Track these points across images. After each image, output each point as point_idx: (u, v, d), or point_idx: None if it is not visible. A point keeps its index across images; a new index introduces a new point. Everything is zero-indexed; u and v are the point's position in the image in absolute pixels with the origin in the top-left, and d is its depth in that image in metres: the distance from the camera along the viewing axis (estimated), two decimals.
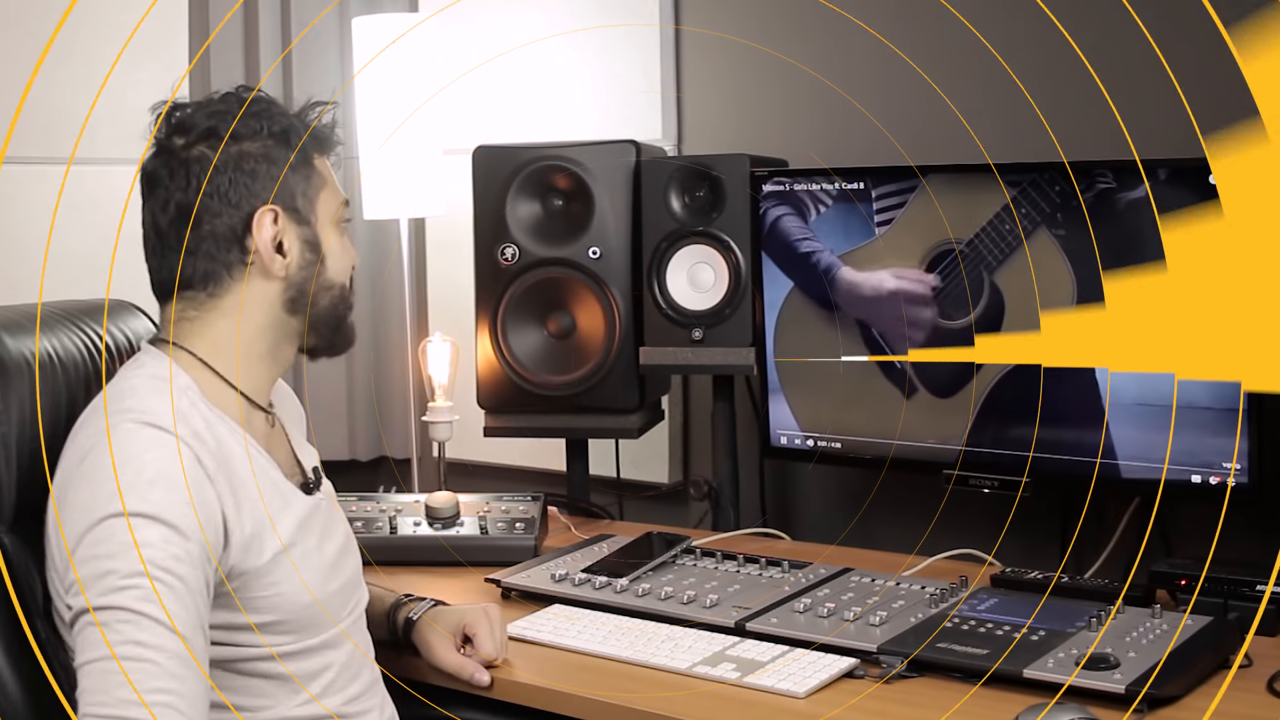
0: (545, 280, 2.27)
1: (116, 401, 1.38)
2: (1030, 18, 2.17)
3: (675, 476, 2.58)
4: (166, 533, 1.29)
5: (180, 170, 1.44)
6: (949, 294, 1.97)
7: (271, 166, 1.46)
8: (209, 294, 1.46)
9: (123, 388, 1.41)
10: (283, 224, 1.46)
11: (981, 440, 1.99)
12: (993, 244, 1.93)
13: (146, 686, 1.22)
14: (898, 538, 2.21)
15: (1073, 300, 1.87)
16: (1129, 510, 2.02)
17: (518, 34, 2.69)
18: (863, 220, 2.05)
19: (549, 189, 2.29)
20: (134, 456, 1.32)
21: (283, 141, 1.48)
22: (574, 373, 2.28)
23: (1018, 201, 1.89)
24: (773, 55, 2.43)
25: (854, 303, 2.07)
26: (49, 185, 2.83)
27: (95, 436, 1.35)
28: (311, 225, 1.49)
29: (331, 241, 1.52)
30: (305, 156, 1.49)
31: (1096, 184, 1.86)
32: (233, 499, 1.38)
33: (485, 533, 2.09)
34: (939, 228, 1.97)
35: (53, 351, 1.50)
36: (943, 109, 2.25)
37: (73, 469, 1.35)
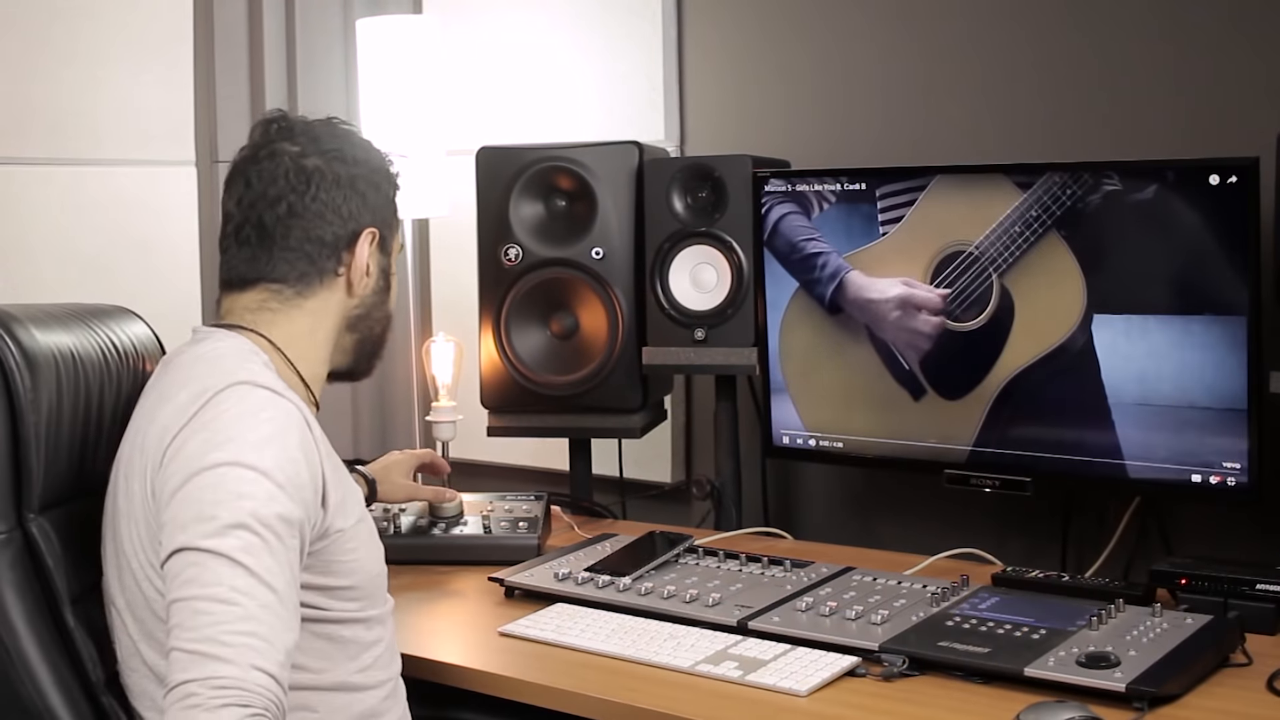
0: (548, 280, 2.28)
1: (213, 367, 1.42)
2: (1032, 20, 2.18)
3: (678, 476, 2.59)
4: (274, 490, 1.32)
5: (297, 175, 1.51)
6: (957, 298, 1.97)
7: (377, 193, 1.57)
8: (297, 292, 1.52)
9: (208, 356, 1.45)
10: (374, 248, 1.56)
11: (984, 440, 1.99)
12: (1002, 246, 1.92)
13: (235, 628, 1.24)
14: (899, 537, 2.22)
15: (1083, 305, 1.87)
16: (1129, 509, 2.03)
17: (521, 35, 2.70)
18: (867, 218, 2.05)
19: (552, 190, 2.30)
20: (249, 414, 1.36)
21: (385, 174, 1.59)
22: (577, 373, 2.29)
23: (1027, 204, 1.90)
24: (775, 56, 2.44)
25: (861, 307, 2.08)
26: (54, 186, 2.84)
27: (202, 395, 1.37)
28: (390, 256, 1.61)
29: (395, 277, 1.63)
30: (396, 190, 1.62)
31: (1103, 185, 1.86)
32: (330, 462, 1.44)
33: (489, 532, 2.10)
34: (947, 229, 1.97)
35: (73, 348, 1.53)
36: (945, 108, 2.26)
37: (178, 424, 1.36)
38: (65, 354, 1.51)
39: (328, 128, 1.57)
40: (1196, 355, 1.80)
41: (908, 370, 2.03)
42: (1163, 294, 1.83)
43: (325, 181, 1.51)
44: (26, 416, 1.44)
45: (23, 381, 1.44)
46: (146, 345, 1.67)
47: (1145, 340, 1.84)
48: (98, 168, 2.76)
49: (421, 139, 2.49)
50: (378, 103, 2.51)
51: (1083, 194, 1.86)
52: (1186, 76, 2.04)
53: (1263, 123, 1.85)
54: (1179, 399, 1.82)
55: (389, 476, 2.04)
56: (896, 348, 2.04)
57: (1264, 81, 1.97)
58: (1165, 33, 2.06)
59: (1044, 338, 1.91)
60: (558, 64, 2.66)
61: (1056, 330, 1.90)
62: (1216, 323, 1.79)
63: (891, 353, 2.05)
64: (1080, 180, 1.86)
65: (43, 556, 1.45)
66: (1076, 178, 1.87)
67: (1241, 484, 1.79)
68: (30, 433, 1.44)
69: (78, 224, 2.81)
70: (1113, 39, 2.10)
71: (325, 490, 1.41)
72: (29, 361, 1.45)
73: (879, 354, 2.06)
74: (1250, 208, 1.75)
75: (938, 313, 1.98)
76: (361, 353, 1.62)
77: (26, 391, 1.44)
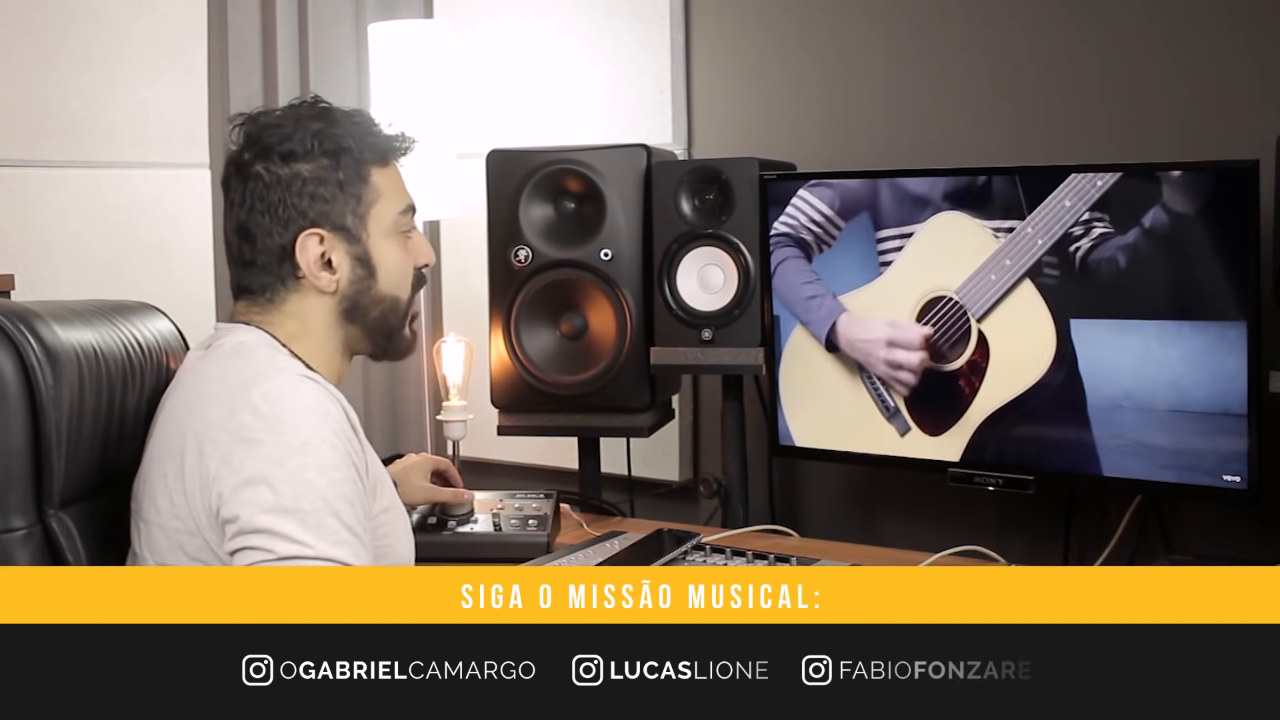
0: (558, 282, 2.31)
1: (249, 364, 1.44)
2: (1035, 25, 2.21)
3: (685, 474, 2.61)
4: (351, 474, 1.38)
5: (241, 186, 1.51)
6: (939, 341, 2.04)
7: (321, 187, 1.50)
8: (269, 300, 1.53)
9: (242, 351, 1.47)
10: (330, 243, 1.51)
11: (985, 444, 2.02)
12: (979, 293, 1.99)
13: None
14: (903, 534, 2.25)
15: (1052, 353, 1.93)
16: (1131, 508, 2.06)
17: (530, 40, 2.73)
18: (864, 260, 2.10)
19: (561, 192, 2.32)
20: (310, 407, 1.39)
21: (335, 161, 1.51)
22: (586, 372, 2.31)
23: (1002, 252, 1.96)
24: (781, 59, 2.47)
25: (853, 346, 2.14)
26: (70, 188, 2.87)
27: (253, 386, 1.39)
28: (362, 242, 1.53)
29: (387, 254, 1.55)
30: (360, 173, 1.53)
31: (1094, 229, 1.90)
32: (366, 450, 1.47)
33: (499, 530, 2.12)
34: (931, 275, 2.04)
35: (96, 345, 1.54)
36: (949, 111, 2.28)
37: (232, 416, 1.38)
38: (88, 350, 1.52)
39: (282, 120, 1.52)
40: (1197, 356, 1.82)
41: (894, 407, 2.11)
42: (1163, 295, 1.85)
43: (262, 190, 1.49)
44: (48, 413, 1.45)
45: (44, 378, 1.44)
46: (170, 341, 1.68)
47: (1146, 340, 1.86)
48: (114, 170, 2.79)
49: (432, 142, 2.51)
50: (389, 106, 2.53)
51: (1063, 243, 1.91)
52: (1187, 79, 2.06)
53: (1262, 125, 1.88)
54: (1180, 399, 1.84)
55: (409, 478, 2.06)
56: (884, 385, 2.11)
57: (1263, 84, 2.00)
58: (1166, 36, 2.08)
59: (1017, 382, 1.99)
60: (567, 68, 2.69)
61: (1027, 376, 1.97)
62: (1215, 325, 1.81)
63: (879, 391, 2.12)
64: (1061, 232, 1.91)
65: (63, 552, 1.46)
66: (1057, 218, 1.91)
67: (1241, 484, 1.81)
68: (51, 429, 1.45)
69: (94, 225, 2.84)
70: (1114, 43, 2.12)
71: (368, 472, 1.45)
72: (50, 358, 1.46)
73: (869, 391, 2.13)
74: (1250, 210, 1.77)
75: (920, 353, 2.06)
76: (374, 338, 1.59)
77: (48, 388, 1.45)
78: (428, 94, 2.52)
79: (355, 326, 1.56)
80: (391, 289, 1.56)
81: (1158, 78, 2.09)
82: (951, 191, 2.01)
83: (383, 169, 1.55)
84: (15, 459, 1.44)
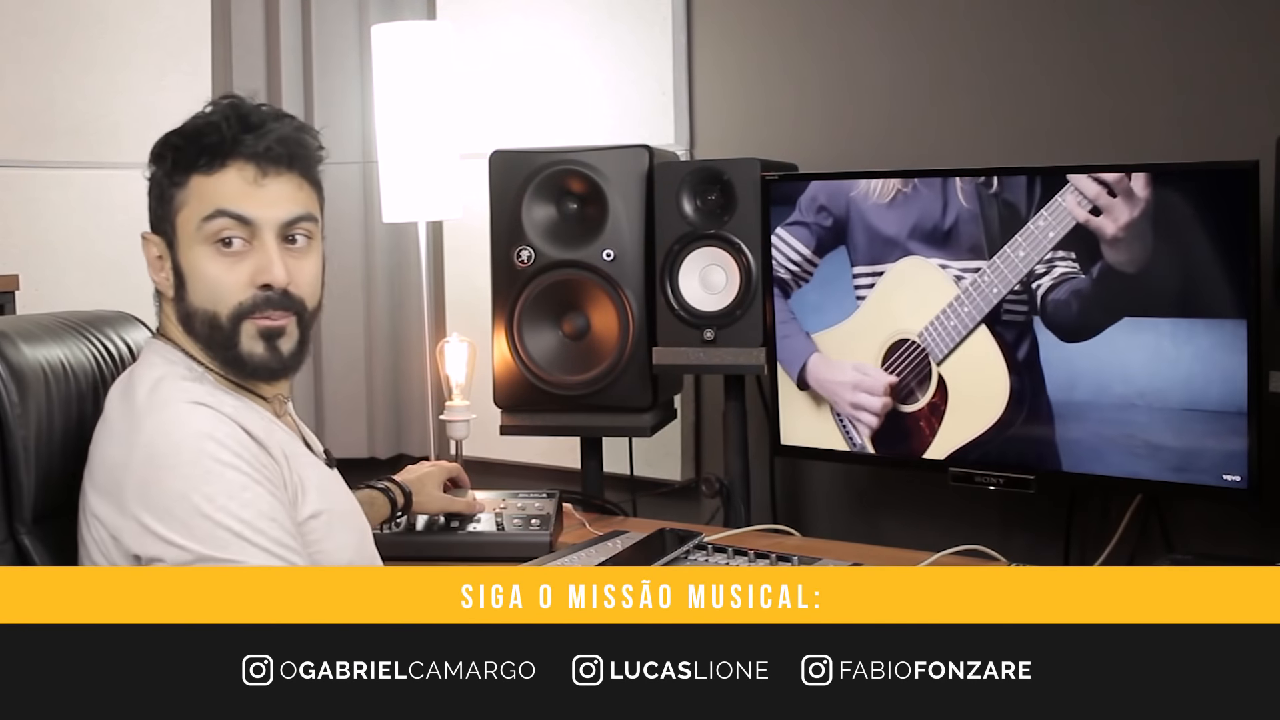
0: (560, 282, 2.31)
1: (155, 390, 1.42)
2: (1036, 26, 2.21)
3: (687, 474, 2.62)
4: (261, 490, 1.36)
5: None
6: (902, 385, 2.09)
7: (152, 191, 1.48)
8: (163, 305, 1.51)
9: (151, 377, 1.45)
10: (159, 246, 1.48)
11: (987, 443, 2.03)
12: (940, 337, 2.04)
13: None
14: (905, 534, 2.25)
15: (1005, 400, 1.98)
16: (1131, 507, 2.06)
17: (533, 41, 2.74)
18: (840, 296, 2.14)
19: (564, 193, 2.33)
20: (205, 433, 1.36)
21: (161, 164, 1.47)
22: (588, 372, 2.31)
23: (961, 299, 2.01)
24: (783, 60, 2.47)
25: (821, 385, 2.18)
26: (75, 189, 2.88)
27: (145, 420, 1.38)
28: (175, 248, 1.46)
29: (195, 264, 1.45)
30: (175, 180, 1.45)
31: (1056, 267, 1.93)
32: (279, 460, 1.44)
33: (501, 529, 2.12)
34: (897, 318, 2.08)
35: (64, 359, 1.55)
36: (950, 112, 2.29)
37: (131, 453, 1.37)
38: (55, 366, 1.52)
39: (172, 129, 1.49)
40: (1197, 356, 1.83)
41: (859, 444, 2.16)
42: (1164, 296, 1.85)
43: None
44: (15, 431, 1.46)
45: (8, 396, 1.46)
46: None
47: (1146, 341, 1.87)
48: (118, 171, 2.80)
49: (435, 143, 2.53)
50: (392, 107, 2.54)
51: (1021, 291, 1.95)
52: (1187, 80, 2.06)
53: (1262, 126, 1.88)
54: (1180, 399, 1.85)
55: (424, 488, 2.05)
56: (851, 424, 2.16)
57: (1263, 85, 2.00)
58: (1166, 37, 2.08)
59: (974, 425, 2.03)
60: (569, 69, 2.69)
61: (984, 419, 2.02)
62: (1216, 324, 1.81)
63: (845, 425, 2.17)
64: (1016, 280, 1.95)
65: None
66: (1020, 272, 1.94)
67: (1241, 483, 1.82)
68: (19, 446, 1.46)
69: (99, 227, 2.85)
70: (1115, 44, 2.13)
71: (284, 480, 1.43)
72: (15, 376, 1.47)
73: (836, 423, 2.18)
74: (1250, 211, 1.77)
75: (884, 398, 2.11)
76: (212, 353, 1.47)
77: (14, 406, 1.46)
78: (430, 95, 2.52)
79: (195, 339, 1.47)
80: (203, 302, 1.45)
81: (1158, 79, 2.09)
82: (919, 231, 2.04)
83: (207, 176, 1.44)
84: None
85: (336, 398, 2.95)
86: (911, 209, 2.04)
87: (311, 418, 2.95)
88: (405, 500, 2.01)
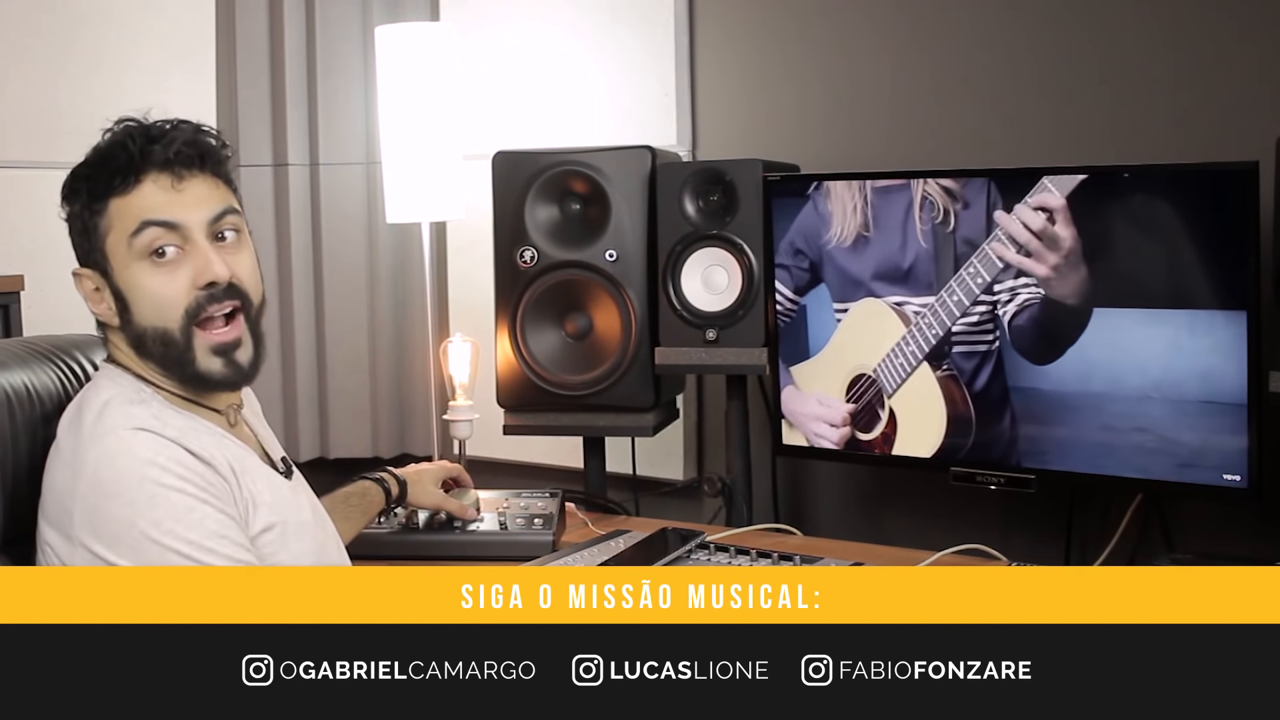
0: (563, 282, 2.32)
1: (100, 417, 1.42)
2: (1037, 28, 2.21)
3: (690, 473, 2.62)
4: (209, 509, 1.37)
5: None
6: (860, 415, 2.17)
7: (73, 228, 1.48)
8: (108, 335, 1.51)
9: (99, 402, 1.44)
10: (94, 279, 1.47)
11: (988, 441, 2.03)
12: (890, 372, 2.11)
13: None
14: (906, 533, 2.26)
15: (941, 436, 2.07)
16: (1132, 506, 2.06)
17: (536, 42, 2.74)
18: (818, 330, 2.19)
19: (567, 193, 2.33)
20: (148, 460, 1.36)
21: (72, 200, 1.47)
22: (591, 372, 2.32)
23: (908, 337, 2.08)
24: (785, 61, 2.48)
25: (792, 414, 2.25)
26: None
27: (90, 449, 1.39)
28: (111, 276, 1.45)
29: (134, 283, 1.44)
30: (94, 208, 1.45)
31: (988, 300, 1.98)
32: (228, 477, 1.43)
33: (504, 528, 2.13)
34: (858, 353, 2.15)
35: (28, 384, 1.55)
36: (952, 113, 2.29)
37: (77, 481, 1.38)
38: (19, 390, 1.52)
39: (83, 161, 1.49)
40: (1198, 356, 1.83)
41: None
42: (1164, 297, 1.86)
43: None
44: None
45: None
46: None
47: (1147, 341, 1.87)
48: None
49: (438, 144, 2.53)
50: (396, 108, 2.55)
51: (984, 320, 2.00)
52: (1187, 81, 2.07)
53: (1262, 127, 1.88)
54: (1180, 399, 1.85)
55: (420, 481, 2.06)
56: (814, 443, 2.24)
57: (1263, 86, 2.00)
58: (1166, 37, 2.08)
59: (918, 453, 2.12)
60: (572, 70, 2.70)
61: (924, 450, 2.10)
62: (1217, 325, 1.81)
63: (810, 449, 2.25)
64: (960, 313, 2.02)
65: None
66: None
67: (1241, 483, 1.82)
68: None
69: None
70: (1116, 45, 2.13)
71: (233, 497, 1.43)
72: None
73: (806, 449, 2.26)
74: (1250, 212, 1.77)
75: (844, 428, 2.18)
76: (170, 372, 1.47)
77: None
78: (434, 96, 2.53)
79: (150, 360, 1.47)
80: (150, 320, 1.44)
81: (1158, 79, 2.09)
82: (880, 272, 2.09)
83: (125, 196, 1.44)
84: None
85: (340, 397, 2.96)
86: (874, 251, 2.10)
87: (315, 417, 2.96)
88: (400, 491, 2.02)
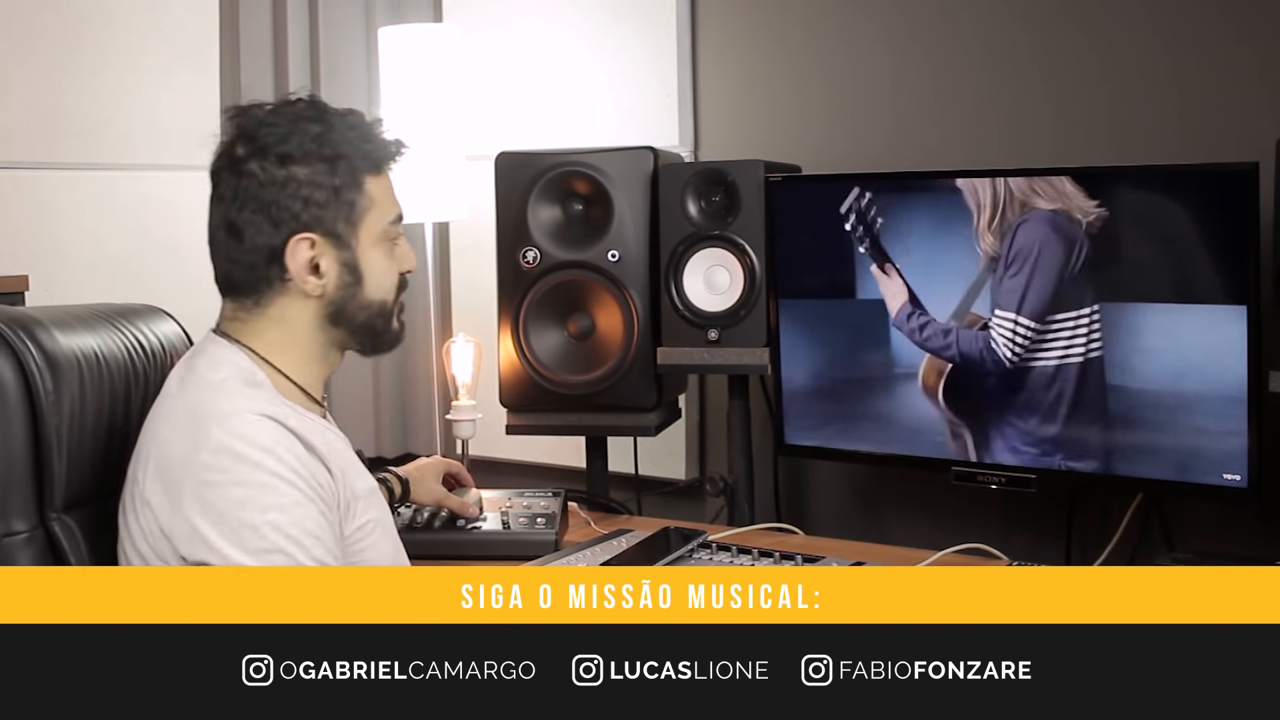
0: (566, 282, 2.32)
1: (223, 394, 1.44)
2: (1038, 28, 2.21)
3: (692, 473, 2.63)
4: (313, 509, 1.39)
5: (233, 182, 1.47)
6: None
7: (316, 192, 1.47)
8: (255, 302, 1.50)
9: (213, 381, 1.46)
10: (321, 248, 1.49)
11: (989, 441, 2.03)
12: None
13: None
14: (907, 532, 2.26)
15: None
16: (1132, 506, 2.06)
17: (539, 43, 2.75)
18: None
19: (569, 194, 2.33)
20: (268, 448, 1.39)
21: (333, 167, 1.49)
22: (593, 372, 2.32)
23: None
24: (787, 62, 2.48)
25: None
26: (85, 190, 2.89)
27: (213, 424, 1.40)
28: (352, 249, 1.51)
29: (374, 261, 1.53)
30: (355, 180, 1.50)
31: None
32: (334, 472, 1.46)
33: (507, 528, 2.13)
34: None
35: (98, 349, 1.55)
36: (953, 114, 2.29)
37: (197, 453, 1.39)
38: (89, 355, 1.53)
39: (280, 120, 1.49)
40: (1197, 356, 1.83)
41: None
42: (1164, 297, 1.86)
43: (255, 189, 1.46)
44: (48, 418, 1.46)
45: (44, 384, 1.46)
46: (175, 344, 1.69)
47: (1147, 341, 1.87)
48: (127, 172, 2.81)
49: (442, 144, 2.54)
50: (399, 109, 2.55)
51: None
52: (1187, 81, 2.07)
53: (1262, 127, 1.88)
54: (1181, 399, 1.85)
55: (422, 479, 2.08)
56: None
57: (1263, 86, 2.00)
58: (1167, 38, 2.08)
59: None
60: (574, 71, 2.70)
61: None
62: (1217, 325, 1.81)
63: None
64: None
65: (65, 555, 1.47)
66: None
67: (1241, 482, 1.82)
68: (52, 434, 1.46)
69: (108, 227, 2.86)
70: (1116, 45, 2.13)
71: (338, 498, 1.45)
72: (51, 364, 1.47)
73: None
74: (1250, 213, 1.77)
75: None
76: (360, 339, 1.57)
77: (48, 394, 1.46)
78: (437, 97, 2.53)
79: (340, 330, 1.54)
80: (378, 295, 1.55)
81: (1159, 79, 2.09)
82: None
83: (376, 177, 1.53)
84: (16, 464, 1.45)
85: (343, 397, 2.96)
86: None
87: None
88: (403, 490, 2.04)
